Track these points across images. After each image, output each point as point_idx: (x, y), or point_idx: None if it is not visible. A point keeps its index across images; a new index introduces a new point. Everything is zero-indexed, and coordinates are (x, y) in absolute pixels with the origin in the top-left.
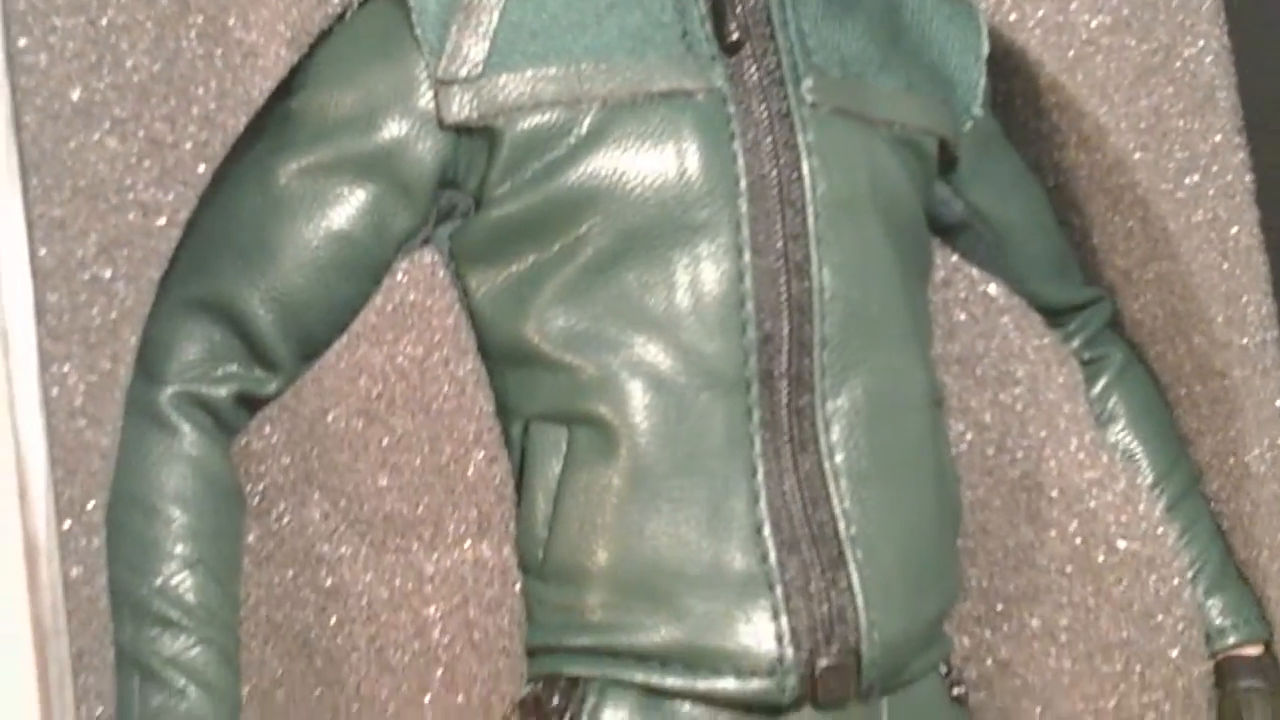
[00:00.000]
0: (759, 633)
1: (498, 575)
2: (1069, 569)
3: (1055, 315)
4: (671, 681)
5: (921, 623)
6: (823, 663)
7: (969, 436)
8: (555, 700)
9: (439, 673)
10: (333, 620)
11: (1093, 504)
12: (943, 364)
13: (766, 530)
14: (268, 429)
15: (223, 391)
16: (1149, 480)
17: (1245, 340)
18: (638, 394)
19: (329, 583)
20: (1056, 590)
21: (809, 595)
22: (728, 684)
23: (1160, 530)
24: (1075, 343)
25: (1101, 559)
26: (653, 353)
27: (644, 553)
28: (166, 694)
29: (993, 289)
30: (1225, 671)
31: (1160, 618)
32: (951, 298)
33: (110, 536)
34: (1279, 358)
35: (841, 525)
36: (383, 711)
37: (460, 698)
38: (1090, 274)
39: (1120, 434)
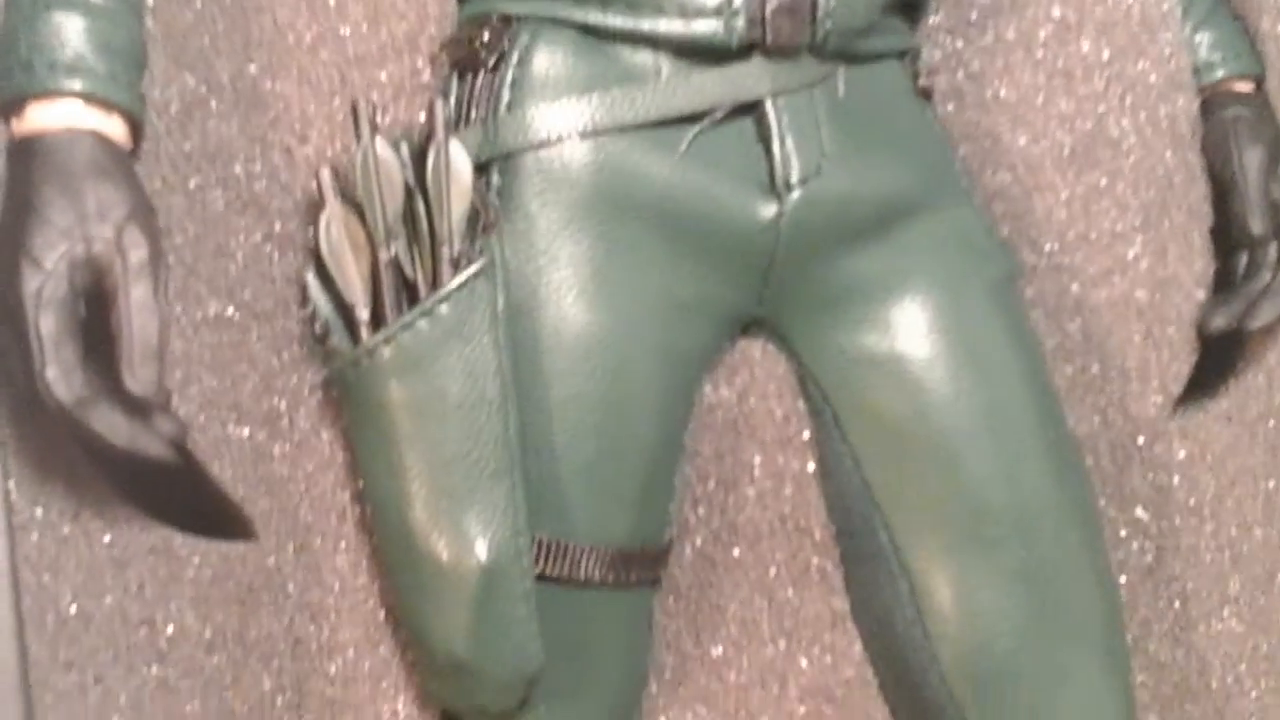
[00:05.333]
0: None
1: None
2: None
3: None
4: (612, 21)
5: None
6: (773, 4)
7: None
8: (486, 37)
9: None
10: None
11: None
12: None
13: None
14: None
15: None
16: None
17: None
18: None
19: None
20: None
21: None
22: (672, 25)
23: None
24: None
25: None
26: None
27: None
28: None
29: None
30: (1212, 104)
31: (1145, 42)
32: None
33: None
34: None
35: None
36: None
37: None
38: None
39: None
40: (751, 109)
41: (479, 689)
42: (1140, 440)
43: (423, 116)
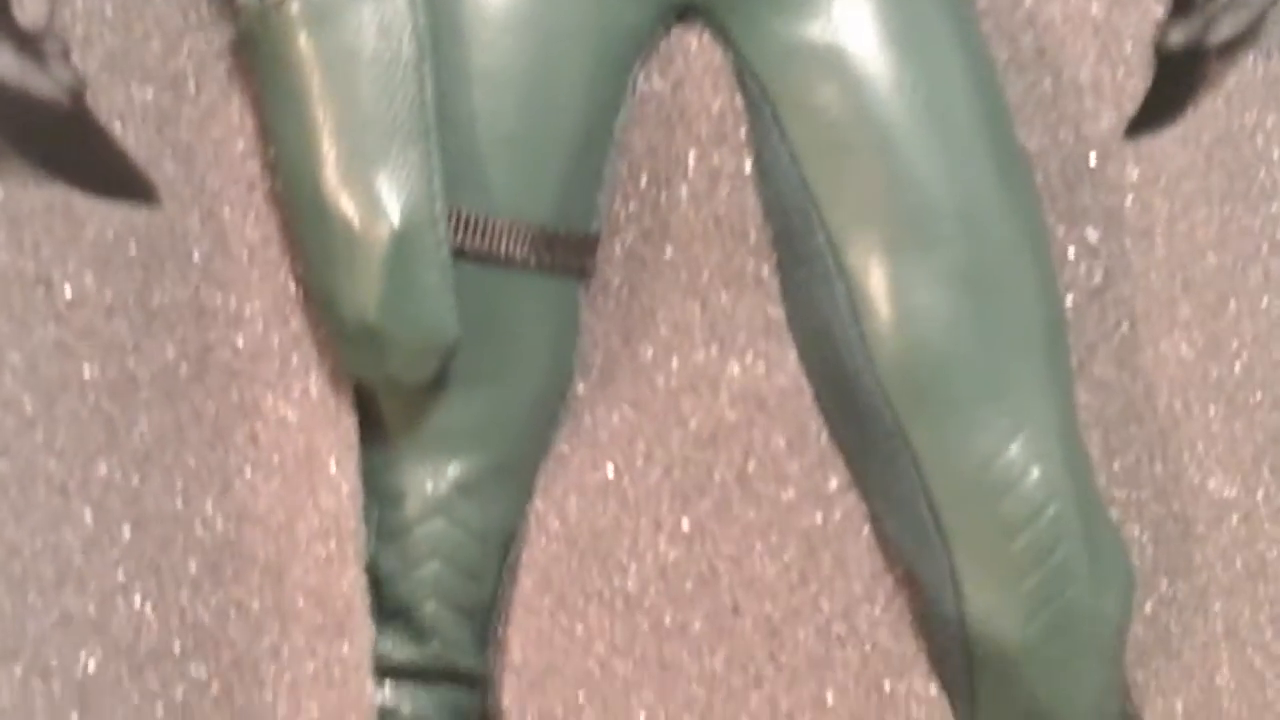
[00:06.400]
0: None
1: None
2: None
3: None
4: None
5: None
6: None
7: None
8: None
9: None
10: None
11: None
12: None
13: None
14: None
15: None
16: None
17: None
18: None
19: None
20: None
21: None
22: None
23: None
24: None
25: None
26: None
27: None
28: None
29: None
30: None
31: None
32: None
33: None
34: None
35: None
36: None
37: None
38: None
39: None
40: None
41: (390, 358)
42: (1092, 159)
43: None
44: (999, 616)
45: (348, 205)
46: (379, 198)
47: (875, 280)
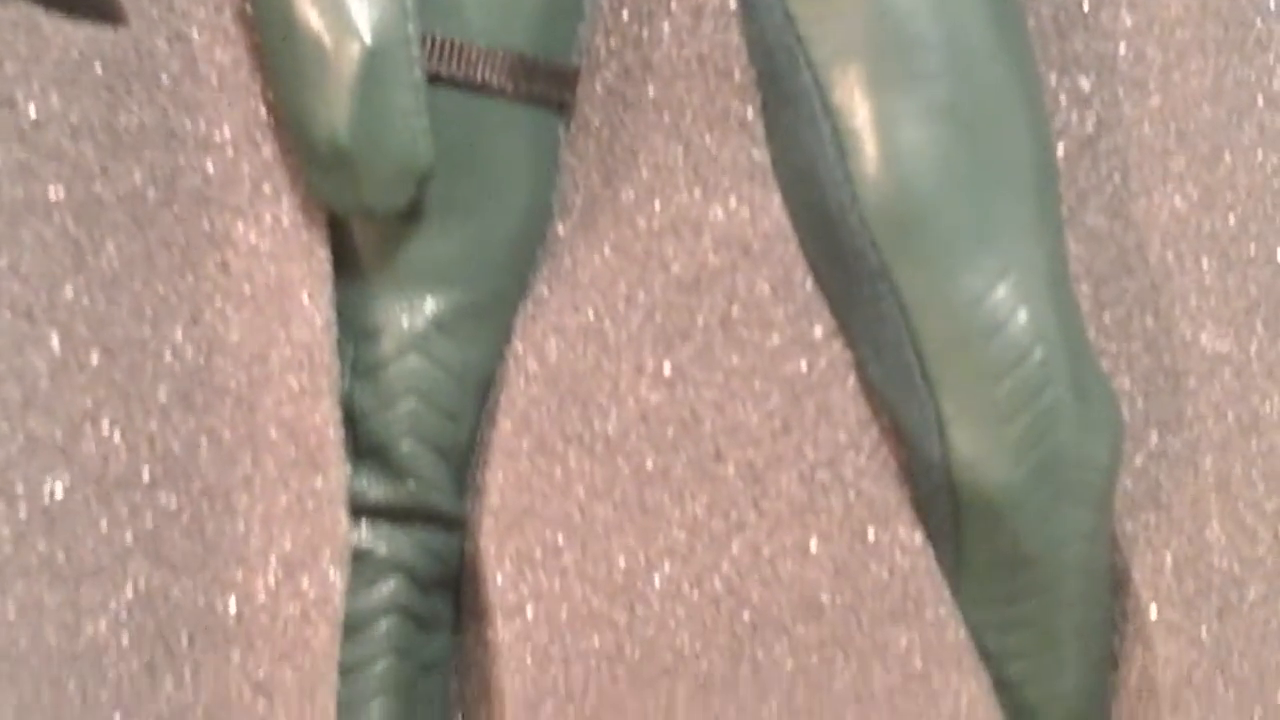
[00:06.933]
0: None
1: None
2: None
3: None
4: None
5: None
6: None
7: None
8: None
9: None
10: None
11: None
12: None
13: None
14: None
15: None
16: None
17: None
18: None
19: None
20: None
21: None
22: None
23: None
24: None
25: None
26: None
27: None
28: None
29: None
30: None
31: None
32: None
33: None
34: None
35: None
36: None
37: None
38: None
39: None
40: None
41: (363, 183)
42: (1085, 4)
43: None
44: (984, 461)
45: (317, 23)
46: (349, 15)
47: (861, 117)
